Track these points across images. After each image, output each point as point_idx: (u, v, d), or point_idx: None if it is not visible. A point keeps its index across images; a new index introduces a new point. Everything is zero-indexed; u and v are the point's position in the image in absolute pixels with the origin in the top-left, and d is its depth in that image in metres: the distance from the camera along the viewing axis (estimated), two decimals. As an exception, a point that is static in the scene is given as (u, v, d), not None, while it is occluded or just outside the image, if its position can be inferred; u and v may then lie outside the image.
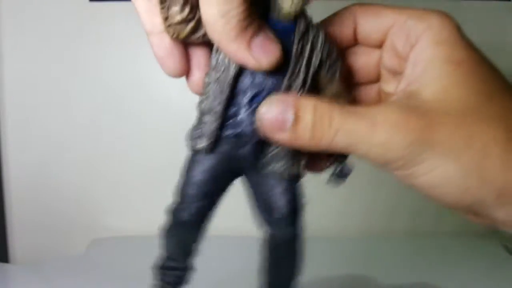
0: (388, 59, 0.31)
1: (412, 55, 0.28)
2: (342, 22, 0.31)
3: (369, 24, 0.31)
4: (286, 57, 0.28)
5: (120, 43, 0.80)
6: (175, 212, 0.34)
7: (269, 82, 0.29)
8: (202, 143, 0.31)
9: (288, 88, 0.29)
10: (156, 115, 0.81)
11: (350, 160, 0.31)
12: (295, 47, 0.29)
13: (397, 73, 0.31)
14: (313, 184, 0.36)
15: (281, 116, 0.26)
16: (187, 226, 0.34)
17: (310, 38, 0.29)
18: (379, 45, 0.32)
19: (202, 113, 0.31)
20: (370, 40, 0.31)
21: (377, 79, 0.33)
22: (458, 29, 0.29)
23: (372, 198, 0.81)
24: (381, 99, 0.34)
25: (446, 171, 0.26)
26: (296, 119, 0.26)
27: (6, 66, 0.80)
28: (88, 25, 0.79)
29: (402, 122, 0.26)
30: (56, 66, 0.80)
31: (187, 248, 0.36)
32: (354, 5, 0.32)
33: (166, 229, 0.35)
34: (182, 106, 0.79)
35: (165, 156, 0.82)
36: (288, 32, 0.29)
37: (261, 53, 0.27)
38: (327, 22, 0.32)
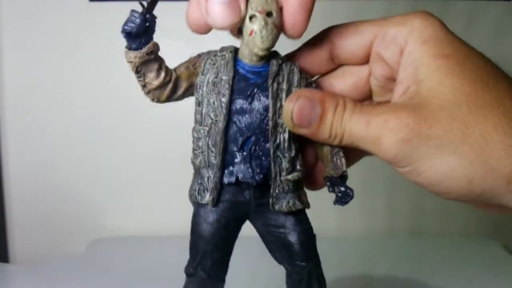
0: (378, 70, 0.32)
1: (403, 59, 0.29)
2: (317, 48, 0.32)
3: (349, 42, 0.32)
4: (265, 97, 0.30)
5: (120, 43, 0.79)
6: (193, 272, 0.34)
7: (255, 125, 0.31)
8: (207, 197, 0.32)
9: (275, 127, 0.31)
10: (157, 116, 0.81)
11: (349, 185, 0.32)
12: (270, 88, 0.30)
13: (389, 82, 0.32)
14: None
15: (309, 113, 0.29)
16: (209, 279, 0.33)
17: (285, 75, 0.31)
18: (365, 60, 0.32)
19: (198, 168, 0.33)
20: (355, 57, 0.32)
21: (370, 95, 0.34)
22: (442, 26, 0.29)
23: (372, 198, 0.81)
24: None
25: (447, 164, 0.26)
26: (321, 118, 0.29)
27: (6, 66, 0.80)
28: (88, 25, 0.79)
29: (391, 119, 0.27)
30: (56, 66, 0.80)
31: None
32: (327, 28, 0.33)
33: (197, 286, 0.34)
34: (183, 107, 0.79)
35: (165, 156, 0.82)
36: (263, 74, 0.31)
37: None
38: (301, 52, 0.33)
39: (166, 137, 0.81)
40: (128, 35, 0.31)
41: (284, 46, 0.32)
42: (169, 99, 0.32)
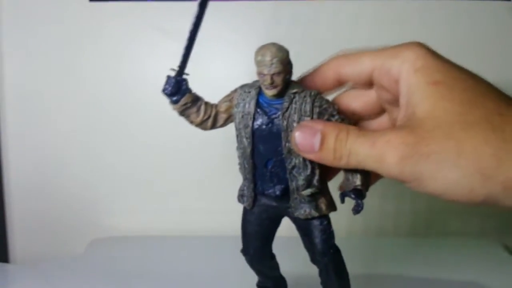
0: (382, 95, 0.36)
1: (400, 87, 0.33)
2: (323, 74, 0.38)
3: (353, 70, 0.36)
4: (279, 128, 0.37)
5: (120, 43, 0.80)
6: (244, 253, 0.44)
7: (273, 150, 0.37)
8: (245, 202, 0.41)
9: (289, 152, 0.37)
10: (156, 115, 0.81)
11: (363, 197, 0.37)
12: (281, 121, 0.36)
13: (395, 103, 0.35)
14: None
15: (310, 141, 0.33)
16: (254, 261, 0.44)
17: (297, 107, 0.36)
18: (369, 84, 0.37)
19: (243, 179, 0.41)
20: (360, 82, 0.37)
21: (379, 112, 0.38)
22: (432, 55, 0.32)
23: (372, 199, 0.81)
24: (393, 123, 0.38)
25: (448, 176, 0.28)
26: (322, 143, 0.33)
27: (6, 66, 0.80)
28: (88, 25, 0.79)
29: (393, 139, 0.30)
30: (56, 66, 0.80)
31: (264, 274, 0.46)
32: (332, 59, 0.37)
33: (248, 264, 0.45)
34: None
35: (165, 156, 0.82)
36: (279, 108, 0.37)
37: None
38: (311, 76, 0.38)
39: (167, 138, 0.81)
40: (166, 94, 0.38)
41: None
42: (212, 128, 0.40)
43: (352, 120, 0.39)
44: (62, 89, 0.81)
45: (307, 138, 0.33)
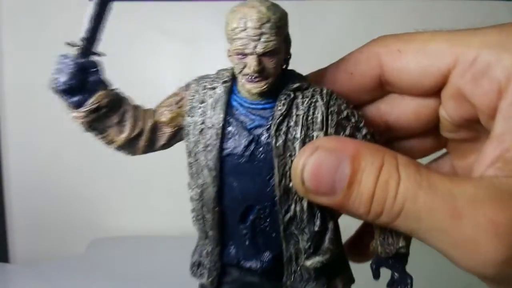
0: (457, 109, 0.21)
1: (503, 104, 0.18)
2: (358, 70, 0.22)
3: (412, 67, 0.21)
4: (270, 150, 0.21)
5: (120, 43, 0.80)
6: None
7: (257, 191, 0.21)
8: (205, 278, 0.24)
9: (286, 193, 0.21)
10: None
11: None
12: (273, 139, 0.20)
13: (472, 123, 0.21)
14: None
15: (330, 175, 0.18)
16: None
17: (301, 114, 0.20)
18: (434, 92, 0.21)
19: (199, 237, 0.25)
20: (419, 89, 0.21)
21: (435, 127, 0.23)
22: None
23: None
24: (440, 146, 0.24)
25: None
26: (351, 181, 0.18)
27: (6, 66, 0.80)
28: (88, 25, 0.79)
29: (499, 215, 0.16)
30: (56, 66, 0.80)
31: None
32: (376, 41, 0.22)
33: None
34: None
35: (164, 157, 0.82)
36: (269, 114, 0.21)
37: None
38: (332, 73, 0.23)
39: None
40: (59, 91, 0.21)
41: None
42: (149, 151, 0.23)
43: (383, 137, 0.23)
44: (62, 89, 0.81)
45: (326, 170, 0.18)
